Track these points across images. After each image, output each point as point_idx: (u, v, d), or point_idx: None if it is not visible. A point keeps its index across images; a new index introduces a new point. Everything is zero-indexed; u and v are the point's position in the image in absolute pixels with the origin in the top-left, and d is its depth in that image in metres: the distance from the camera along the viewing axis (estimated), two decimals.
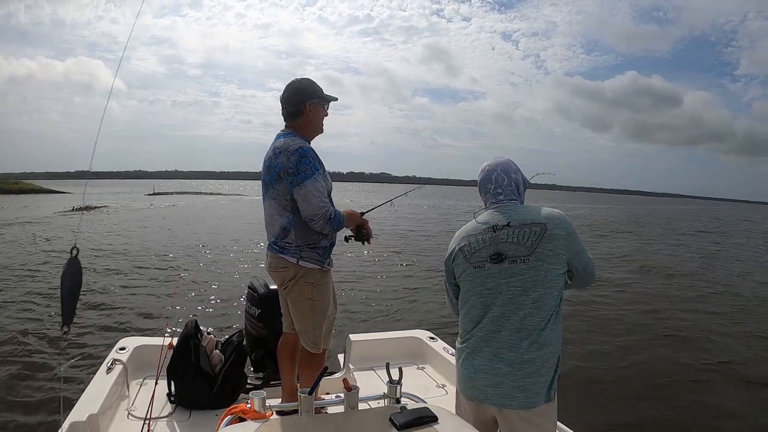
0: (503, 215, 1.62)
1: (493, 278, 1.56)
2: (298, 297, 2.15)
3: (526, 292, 1.53)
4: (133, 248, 11.35)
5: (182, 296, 6.81)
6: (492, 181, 1.69)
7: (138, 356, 2.69)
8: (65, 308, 1.32)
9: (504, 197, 1.66)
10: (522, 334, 1.52)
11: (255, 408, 1.48)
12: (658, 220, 32.75)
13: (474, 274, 1.60)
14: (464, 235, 1.65)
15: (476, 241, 1.61)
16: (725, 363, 5.14)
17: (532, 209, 1.62)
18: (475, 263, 1.60)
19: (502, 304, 1.54)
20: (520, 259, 1.54)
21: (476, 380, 1.58)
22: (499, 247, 1.56)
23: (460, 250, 1.64)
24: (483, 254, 1.58)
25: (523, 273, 1.53)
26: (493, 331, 1.55)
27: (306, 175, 2.01)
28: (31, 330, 5.30)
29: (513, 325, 1.53)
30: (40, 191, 47.59)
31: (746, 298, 8.59)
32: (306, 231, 2.09)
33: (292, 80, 2.21)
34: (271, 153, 2.12)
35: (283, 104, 2.19)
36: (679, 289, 9.03)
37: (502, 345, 1.54)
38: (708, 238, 20.53)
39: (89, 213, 22.07)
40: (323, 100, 2.21)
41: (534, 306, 1.53)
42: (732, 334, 6.30)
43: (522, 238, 1.55)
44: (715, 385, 4.59)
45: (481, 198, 1.74)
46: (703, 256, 14.35)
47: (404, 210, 29.45)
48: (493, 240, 1.58)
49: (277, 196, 2.09)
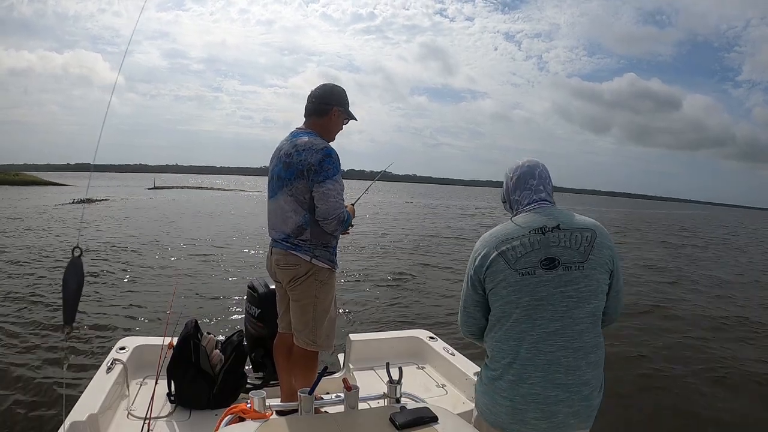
0: (549, 217, 1.43)
1: (544, 287, 1.35)
2: (303, 294, 2.15)
3: (582, 303, 1.36)
4: (132, 246, 11.33)
5: (182, 296, 6.80)
6: (536, 176, 1.51)
7: (138, 356, 2.69)
8: (67, 308, 1.32)
9: (546, 195, 1.50)
10: (580, 353, 1.35)
11: (255, 408, 1.48)
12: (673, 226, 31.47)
13: (520, 282, 1.36)
14: (503, 238, 1.42)
15: (521, 244, 1.39)
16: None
17: (574, 214, 1.46)
18: (522, 269, 1.37)
19: (555, 318, 1.34)
20: (574, 266, 1.36)
21: (527, 413, 1.36)
22: (551, 251, 1.37)
23: (500, 255, 1.39)
24: (532, 259, 1.37)
25: (578, 281, 1.36)
26: (544, 351, 1.34)
27: (328, 175, 2.04)
28: (31, 330, 5.30)
29: (569, 342, 1.34)
30: (41, 183, 47.65)
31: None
32: (321, 230, 2.10)
33: (328, 83, 2.25)
34: (291, 149, 2.10)
35: (312, 99, 2.19)
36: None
37: (557, 367, 1.33)
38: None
39: (89, 206, 22.04)
40: (347, 114, 2.25)
41: (590, 320, 1.37)
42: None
43: (574, 243, 1.38)
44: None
45: (512, 197, 1.54)
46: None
47: (404, 209, 29.54)
48: (542, 243, 1.38)
49: (295, 193, 2.09)
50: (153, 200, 29.87)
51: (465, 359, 2.83)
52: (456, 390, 2.69)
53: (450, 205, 39.50)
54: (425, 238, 15.50)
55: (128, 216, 19.23)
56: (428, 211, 30.41)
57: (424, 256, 11.64)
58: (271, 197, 2.21)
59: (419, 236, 15.86)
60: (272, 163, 2.21)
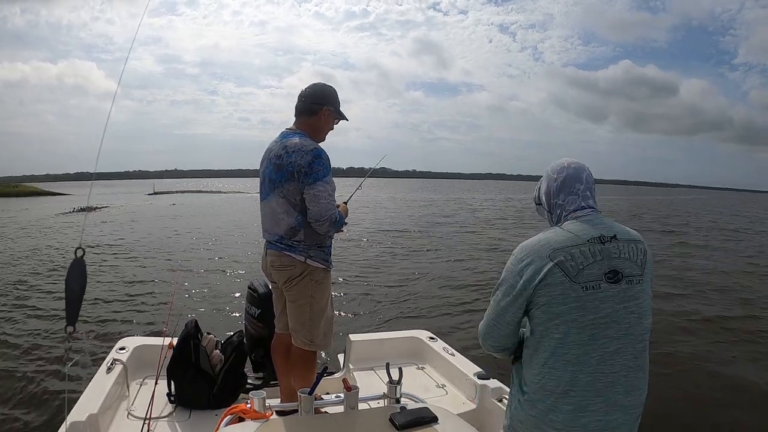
0: (603, 226, 1.30)
1: (609, 302, 1.23)
2: (299, 294, 2.15)
3: (641, 319, 1.26)
4: (133, 248, 11.36)
5: (182, 296, 6.81)
6: (582, 181, 1.37)
7: (138, 356, 2.69)
8: (70, 309, 1.32)
9: (593, 202, 1.37)
10: (639, 373, 1.27)
11: (255, 408, 1.49)
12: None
13: (584, 298, 1.22)
14: (557, 247, 1.25)
15: (581, 254, 1.24)
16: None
17: (620, 224, 1.36)
18: (586, 283, 1.22)
19: (618, 336, 1.23)
20: (635, 279, 1.26)
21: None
22: (613, 263, 1.25)
23: (557, 266, 1.23)
24: (595, 271, 1.23)
25: (639, 296, 1.26)
26: (605, 372, 1.22)
27: (318, 176, 2.03)
28: (32, 331, 5.31)
29: (629, 361, 1.24)
30: (41, 194, 47.67)
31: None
32: (314, 231, 2.10)
33: (319, 82, 2.25)
34: (281, 151, 2.09)
35: (302, 98, 2.19)
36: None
37: (617, 388, 1.23)
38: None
39: (91, 213, 22.09)
40: (337, 113, 2.24)
41: (646, 337, 1.28)
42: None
43: (633, 255, 1.28)
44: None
45: (554, 200, 1.39)
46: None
47: (404, 207, 29.49)
48: (604, 254, 1.25)
49: (286, 195, 2.09)
50: (153, 205, 29.88)
51: (465, 359, 2.83)
52: (456, 390, 2.69)
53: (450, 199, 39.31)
54: (425, 236, 15.47)
55: (128, 220, 19.31)
56: (427, 206, 30.33)
57: (424, 256, 11.63)
58: (263, 199, 2.20)
59: (418, 235, 15.84)
60: (263, 165, 2.21)
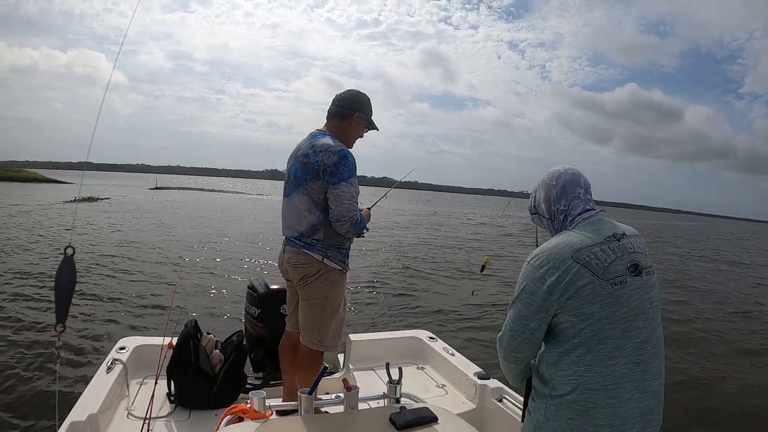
0: (611, 225, 1.35)
1: (636, 295, 1.27)
2: (313, 293, 2.16)
3: (659, 307, 1.33)
4: (133, 246, 11.32)
5: (182, 296, 6.80)
6: (581, 185, 1.42)
7: (138, 356, 2.69)
8: (59, 306, 1.34)
9: (594, 205, 1.41)
10: (662, 357, 1.32)
11: (255, 408, 1.49)
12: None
13: (614, 294, 1.24)
14: (579, 248, 1.26)
15: (602, 252, 1.26)
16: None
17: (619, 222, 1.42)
18: (613, 279, 1.24)
19: (644, 326, 1.28)
20: (651, 270, 1.33)
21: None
22: (633, 257, 1.30)
23: (584, 267, 1.24)
24: (619, 267, 1.26)
25: (655, 286, 1.33)
26: (638, 362, 1.26)
27: (343, 177, 2.05)
28: (29, 330, 5.29)
29: (655, 348, 1.30)
30: (42, 180, 47.68)
31: None
32: (334, 231, 2.12)
33: (355, 89, 2.29)
34: (309, 150, 2.12)
35: (336, 102, 2.22)
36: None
37: (648, 375, 1.27)
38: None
39: (90, 205, 22.04)
40: (368, 122, 2.27)
41: (661, 322, 1.33)
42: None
43: (642, 248, 1.34)
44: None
45: (555, 207, 1.41)
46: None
47: (405, 214, 29.58)
48: (622, 249, 1.29)
49: (310, 193, 2.10)
50: (154, 200, 29.86)
51: (465, 359, 2.83)
52: (456, 390, 2.69)
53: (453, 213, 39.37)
54: (426, 239, 15.49)
55: (129, 216, 19.22)
56: (429, 216, 30.38)
57: (424, 256, 11.64)
58: (286, 196, 2.22)
59: (420, 238, 15.86)
60: (290, 163, 2.24)
